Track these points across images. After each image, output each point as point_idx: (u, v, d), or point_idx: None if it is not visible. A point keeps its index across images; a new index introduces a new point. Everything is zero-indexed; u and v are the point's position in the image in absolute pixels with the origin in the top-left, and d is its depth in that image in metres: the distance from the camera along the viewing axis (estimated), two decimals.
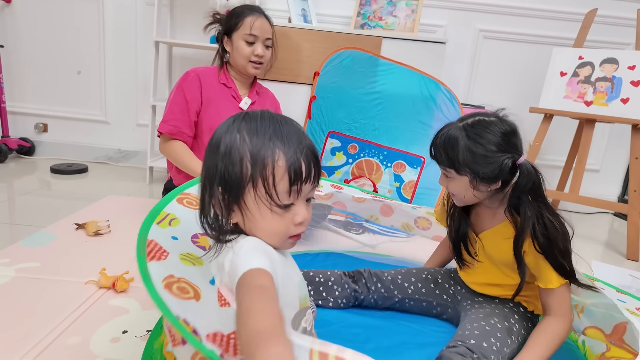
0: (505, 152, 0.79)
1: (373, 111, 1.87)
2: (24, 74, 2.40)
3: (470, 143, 0.79)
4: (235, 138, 0.54)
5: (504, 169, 0.79)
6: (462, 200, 0.88)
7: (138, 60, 2.36)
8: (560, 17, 2.22)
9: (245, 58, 1.39)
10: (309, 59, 1.93)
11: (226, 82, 1.44)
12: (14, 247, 1.24)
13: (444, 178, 0.88)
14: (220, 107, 1.40)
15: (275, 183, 0.53)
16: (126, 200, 1.81)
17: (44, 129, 2.47)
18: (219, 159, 0.55)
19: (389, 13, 2.09)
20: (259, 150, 0.53)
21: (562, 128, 2.22)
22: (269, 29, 1.42)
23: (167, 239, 0.72)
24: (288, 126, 0.56)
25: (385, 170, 1.84)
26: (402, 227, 1.37)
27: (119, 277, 1.07)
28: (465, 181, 0.82)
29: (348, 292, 1.02)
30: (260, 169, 0.53)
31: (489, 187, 0.82)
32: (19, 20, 2.33)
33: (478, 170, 0.79)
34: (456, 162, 0.80)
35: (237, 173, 0.54)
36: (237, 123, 0.56)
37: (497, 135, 0.79)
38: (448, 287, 1.04)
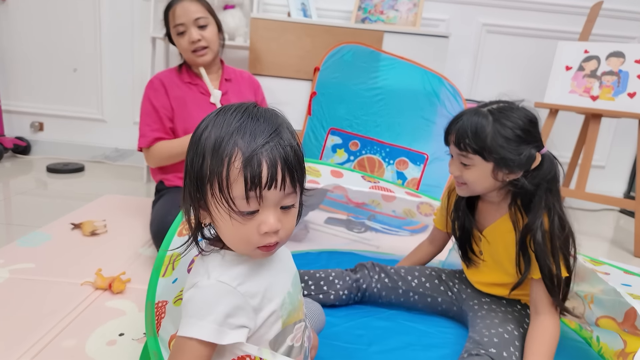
0: (532, 140, 0.77)
1: (375, 107, 1.83)
2: (19, 72, 2.36)
3: (500, 127, 0.75)
4: (203, 131, 0.48)
5: (531, 157, 0.76)
6: (473, 190, 0.85)
7: (135, 57, 2.32)
8: (565, 11, 2.18)
9: (186, 50, 1.28)
10: (309, 54, 1.89)
11: (190, 80, 1.35)
12: (8, 248, 1.21)
13: (460, 166, 0.83)
14: (190, 107, 1.32)
15: (230, 186, 0.45)
16: (123, 200, 1.77)
17: (40, 127, 2.43)
18: (190, 150, 0.50)
19: (391, 7, 2.05)
20: (219, 146, 0.46)
21: (567, 123, 2.19)
22: (196, 9, 1.25)
23: (169, 286, 0.72)
24: (261, 121, 0.47)
25: (387, 167, 1.80)
26: (404, 212, 1.34)
27: (116, 278, 1.03)
28: (487, 168, 0.79)
29: (349, 282, 0.99)
30: (216, 168, 0.46)
31: (509, 176, 0.79)
32: (13, 17, 2.29)
33: (506, 156, 0.76)
34: (485, 147, 0.76)
35: (198, 168, 0.47)
36: (212, 117, 0.50)
37: (524, 121, 0.76)
38: (452, 284, 1.01)
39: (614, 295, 0.84)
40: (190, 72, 1.37)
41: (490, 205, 0.89)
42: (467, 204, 0.93)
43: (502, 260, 0.88)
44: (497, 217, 0.87)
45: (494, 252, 0.90)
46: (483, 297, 0.94)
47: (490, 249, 0.90)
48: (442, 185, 1.75)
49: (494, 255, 0.91)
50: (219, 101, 1.35)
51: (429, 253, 1.10)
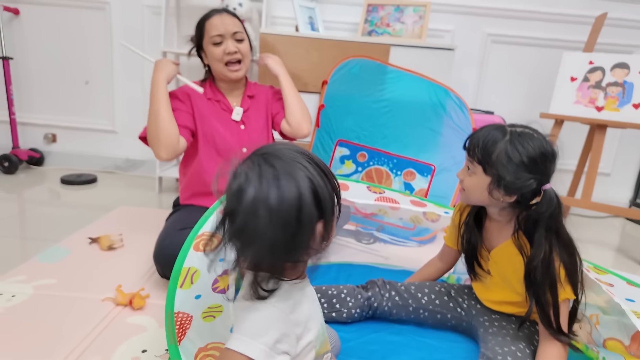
0: (536, 172, 0.78)
1: (382, 119, 1.86)
2: (33, 85, 2.42)
3: (510, 148, 0.78)
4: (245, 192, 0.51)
5: (526, 187, 0.78)
6: (469, 199, 0.89)
7: (145, 69, 2.37)
8: (570, 20, 2.20)
9: (220, 61, 1.29)
10: (317, 68, 1.93)
11: (213, 96, 1.36)
12: (30, 263, 1.25)
13: (465, 171, 0.87)
14: (212, 123, 1.34)
15: None
16: (137, 212, 1.82)
17: (52, 139, 2.48)
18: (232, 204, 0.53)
19: (397, 19, 2.08)
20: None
21: (572, 132, 2.21)
22: (234, 23, 1.29)
23: (191, 300, 0.74)
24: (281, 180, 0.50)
25: (395, 178, 1.83)
26: (412, 219, 1.36)
27: (135, 294, 1.07)
28: (485, 181, 0.82)
29: (361, 301, 1.02)
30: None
31: (503, 197, 0.82)
32: (26, 31, 2.35)
33: (503, 176, 0.79)
34: (488, 159, 0.80)
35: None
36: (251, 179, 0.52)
37: (536, 152, 0.78)
38: (462, 300, 1.03)
39: (618, 314, 0.86)
40: (214, 87, 1.38)
41: (497, 225, 0.91)
42: (476, 221, 0.95)
43: (510, 280, 0.91)
44: (504, 238, 0.89)
45: (502, 272, 0.92)
46: (493, 314, 0.97)
47: (498, 268, 0.93)
48: (450, 196, 1.78)
49: (502, 274, 0.93)
50: (241, 118, 1.37)
51: (438, 270, 1.13)
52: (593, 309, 0.96)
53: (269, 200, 0.48)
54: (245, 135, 1.38)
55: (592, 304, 0.95)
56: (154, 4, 2.24)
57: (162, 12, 2.10)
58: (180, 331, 0.69)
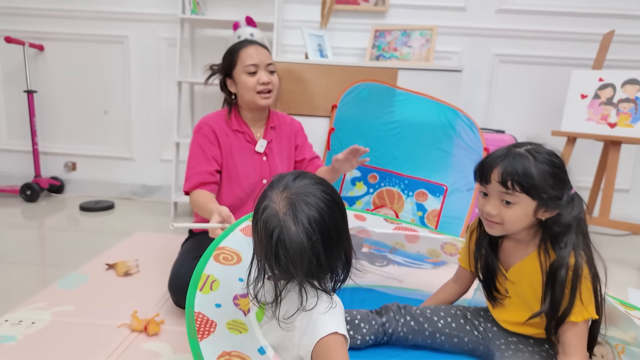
0: (566, 180, 0.81)
1: (392, 140, 1.88)
2: (55, 116, 2.53)
3: (545, 167, 0.79)
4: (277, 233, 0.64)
5: (568, 195, 0.80)
6: (509, 230, 0.86)
7: (161, 99, 2.45)
8: (577, 38, 2.22)
9: (252, 90, 1.31)
10: (327, 92, 1.97)
11: (238, 127, 1.37)
12: (49, 290, 1.28)
13: (499, 205, 0.84)
14: (236, 156, 1.36)
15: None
16: (153, 237, 1.85)
17: (73, 167, 2.57)
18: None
19: (404, 44, 2.13)
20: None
21: (586, 149, 2.19)
22: (267, 55, 1.34)
23: (212, 307, 0.76)
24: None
25: (407, 199, 1.83)
26: (429, 253, 1.35)
27: (150, 320, 1.08)
28: (531, 207, 0.82)
29: (376, 327, 1.01)
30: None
31: (545, 214, 0.82)
32: (50, 66, 2.47)
33: (553, 195, 0.79)
34: (533, 185, 0.79)
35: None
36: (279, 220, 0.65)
37: (557, 160, 0.80)
38: (478, 323, 1.01)
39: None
40: (239, 118, 1.38)
41: (516, 244, 0.90)
42: (490, 242, 0.95)
43: (528, 299, 0.89)
44: (524, 255, 0.88)
45: (520, 291, 0.91)
46: (510, 337, 0.95)
47: (516, 288, 0.92)
48: (463, 217, 1.76)
49: (519, 294, 0.91)
50: (264, 150, 1.39)
51: (454, 293, 1.11)
52: (618, 341, 0.93)
53: (298, 241, 0.62)
54: (266, 167, 1.40)
55: (616, 337, 0.92)
56: (169, 36, 2.34)
57: (177, 43, 2.19)
58: (202, 331, 0.70)
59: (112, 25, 2.39)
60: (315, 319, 0.65)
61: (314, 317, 0.65)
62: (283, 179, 0.67)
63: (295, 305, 0.66)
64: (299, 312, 0.66)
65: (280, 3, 2.19)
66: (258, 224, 0.65)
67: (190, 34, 2.36)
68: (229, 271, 0.84)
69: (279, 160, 1.43)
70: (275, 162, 1.42)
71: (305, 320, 0.66)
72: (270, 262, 0.63)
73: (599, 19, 2.19)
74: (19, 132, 2.53)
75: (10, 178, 2.54)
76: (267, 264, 0.65)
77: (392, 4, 2.25)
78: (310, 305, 0.65)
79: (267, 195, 0.66)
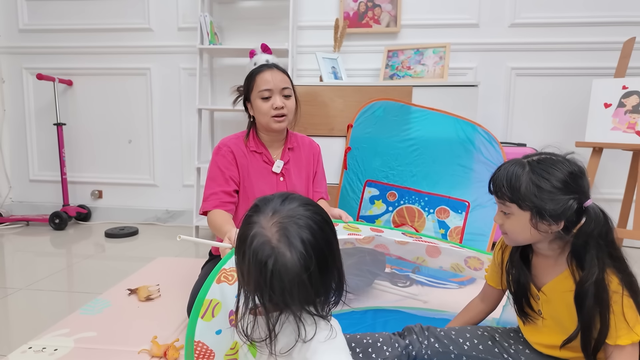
0: (572, 192, 0.76)
1: (409, 157, 1.86)
2: (82, 147, 2.64)
3: (535, 177, 0.77)
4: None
5: (569, 208, 0.75)
6: (516, 240, 0.84)
7: (182, 126, 2.53)
8: (594, 48, 2.17)
9: (266, 114, 1.32)
10: (342, 113, 1.99)
11: (256, 149, 1.38)
12: (72, 317, 1.30)
13: (502, 215, 0.84)
14: (253, 176, 1.38)
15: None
16: (175, 262, 1.87)
17: (99, 195, 2.65)
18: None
19: (417, 62, 2.14)
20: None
21: (614, 159, 2.10)
22: (283, 79, 1.34)
23: (212, 335, 0.76)
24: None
25: (428, 216, 1.79)
26: (452, 268, 1.30)
27: (170, 346, 1.08)
28: (525, 218, 0.79)
29: (399, 350, 0.97)
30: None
31: (550, 227, 0.77)
32: (78, 99, 2.60)
33: (542, 206, 0.76)
34: (519, 195, 0.77)
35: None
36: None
37: (564, 173, 0.76)
38: (508, 345, 0.96)
39: None
40: (257, 139, 1.40)
41: (546, 260, 0.86)
42: (522, 258, 0.90)
43: (563, 321, 0.84)
44: (556, 273, 0.84)
45: (554, 312, 0.86)
46: (543, 359, 0.89)
47: (549, 308, 0.86)
48: (488, 233, 1.71)
49: (554, 315, 0.86)
50: (281, 171, 1.40)
51: (481, 312, 1.06)
52: None
53: (295, 269, 0.58)
54: (283, 188, 1.40)
55: None
56: (189, 66, 2.43)
57: (197, 73, 2.27)
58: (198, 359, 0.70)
59: (135, 59, 2.51)
60: (314, 349, 0.60)
61: (313, 347, 0.60)
62: (270, 203, 0.62)
63: (293, 337, 0.61)
64: (297, 343, 0.61)
65: (294, 30, 2.26)
66: (246, 254, 0.58)
67: (209, 63, 2.44)
68: (229, 290, 0.83)
69: (297, 181, 1.43)
70: (293, 183, 1.42)
71: (304, 350, 0.61)
72: (262, 294, 0.58)
73: (615, 27, 2.15)
74: (49, 163, 2.65)
75: (40, 207, 2.64)
76: (259, 296, 0.60)
77: (404, 25, 2.28)
78: (309, 335, 0.61)
79: (254, 221, 0.60)
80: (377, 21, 2.27)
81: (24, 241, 2.24)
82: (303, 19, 2.36)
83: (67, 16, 2.53)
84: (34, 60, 2.59)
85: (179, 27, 2.45)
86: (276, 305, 0.59)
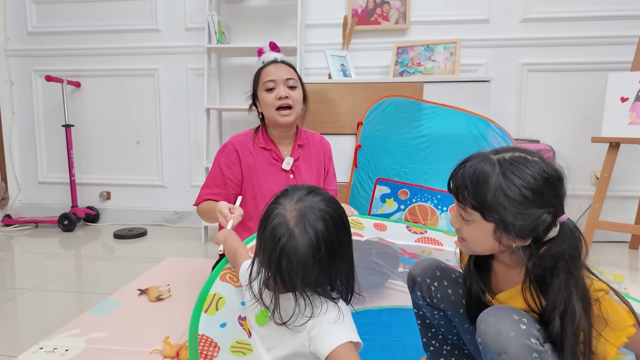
0: (547, 204, 0.63)
1: (421, 155, 1.83)
2: (90, 148, 2.63)
3: (506, 183, 0.63)
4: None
5: (541, 224, 0.63)
6: (473, 250, 0.72)
7: (191, 126, 2.52)
8: (609, 42, 2.13)
9: (271, 106, 1.30)
10: (352, 111, 1.96)
11: (265, 145, 1.37)
12: (82, 317, 1.29)
13: (460, 219, 0.71)
14: (261, 173, 1.36)
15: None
16: (184, 262, 1.85)
17: (107, 197, 2.65)
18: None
19: (427, 58, 2.11)
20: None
21: (632, 155, 2.06)
22: (287, 70, 1.32)
23: (217, 328, 0.76)
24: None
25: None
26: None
27: (182, 346, 1.06)
28: (488, 229, 0.66)
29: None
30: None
31: (515, 241, 0.65)
32: (86, 100, 2.60)
33: (509, 220, 0.63)
34: (484, 203, 0.64)
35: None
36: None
37: (538, 179, 0.63)
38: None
39: None
40: (266, 136, 1.39)
41: (506, 268, 0.73)
42: (478, 263, 0.77)
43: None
44: (513, 284, 0.72)
45: None
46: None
47: None
48: None
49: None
50: (290, 168, 1.38)
51: None
52: None
53: (303, 253, 0.63)
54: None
55: None
56: (197, 67, 2.42)
57: (205, 73, 2.26)
58: (204, 354, 0.71)
59: (143, 60, 2.51)
60: (326, 330, 0.64)
61: (325, 328, 0.64)
62: (298, 191, 0.68)
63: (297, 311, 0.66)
64: (302, 318, 0.65)
65: (302, 28, 2.24)
66: (266, 228, 0.65)
67: (217, 63, 2.43)
68: (235, 291, 0.85)
69: (307, 177, 1.41)
70: (304, 180, 1.40)
71: (317, 328, 0.65)
72: (270, 267, 0.64)
73: (630, 21, 2.11)
74: (58, 165, 2.65)
75: (49, 209, 2.64)
76: (266, 267, 0.65)
77: (413, 21, 2.26)
78: (315, 312, 0.65)
79: (280, 202, 0.66)
80: (386, 18, 2.25)
81: (34, 243, 2.24)
82: (311, 17, 2.34)
83: (75, 18, 2.53)
84: (42, 63, 2.59)
85: (186, 28, 2.44)
86: (281, 280, 0.64)
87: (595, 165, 2.10)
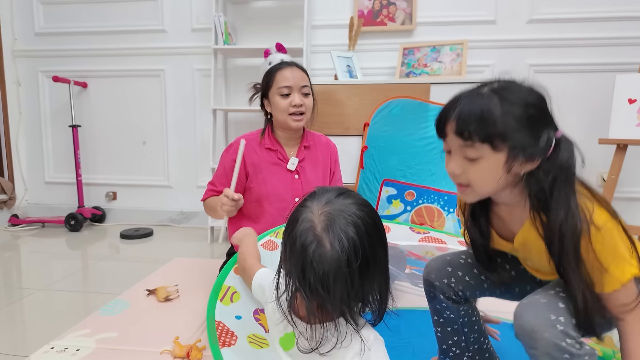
0: (549, 119, 0.66)
1: (428, 156, 1.83)
2: (97, 148, 2.65)
3: (510, 107, 0.63)
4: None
5: (548, 141, 0.64)
6: (480, 193, 0.71)
7: (197, 127, 2.53)
8: (617, 43, 2.12)
9: (284, 111, 1.32)
10: (358, 112, 1.96)
11: (271, 146, 1.38)
12: (92, 317, 1.29)
13: (462, 163, 0.69)
14: (266, 172, 1.37)
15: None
16: (191, 262, 1.85)
17: (114, 197, 2.66)
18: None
19: (434, 59, 2.11)
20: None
21: (635, 156, 2.05)
22: (302, 77, 1.34)
23: (232, 319, 0.77)
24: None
25: (448, 216, 1.76)
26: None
27: (193, 346, 1.06)
28: (498, 161, 0.65)
29: None
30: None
31: (524, 166, 0.66)
32: (93, 101, 2.61)
33: (521, 142, 0.64)
34: (496, 132, 0.63)
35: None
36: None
37: (535, 96, 0.66)
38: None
39: None
40: (272, 137, 1.40)
41: (509, 209, 0.75)
42: (476, 210, 0.79)
43: (544, 269, 0.76)
44: (523, 219, 0.73)
45: (534, 263, 0.78)
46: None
47: (531, 261, 0.79)
48: None
49: (538, 269, 0.79)
50: (295, 168, 1.39)
51: None
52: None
53: (332, 261, 0.57)
54: (298, 185, 1.39)
55: None
56: (204, 67, 2.43)
57: (211, 74, 2.27)
58: (222, 339, 0.71)
59: (149, 60, 2.52)
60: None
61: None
62: (326, 193, 0.62)
63: (331, 336, 0.61)
64: (335, 346, 0.60)
65: (308, 29, 2.24)
66: (292, 233, 0.59)
67: (223, 64, 2.44)
68: (245, 288, 0.85)
69: (313, 179, 1.42)
70: (309, 181, 1.40)
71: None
72: (296, 276, 0.59)
73: (636, 22, 2.10)
74: (64, 165, 2.66)
75: (56, 209, 2.65)
76: (293, 279, 0.60)
77: (419, 22, 2.25)
78: (346, 342, 0.60)
79: (307, 205, 0.61)
80: (392, 19, 2.25)
81: (40, 243, 2.25)
82: (317, 18, 2.34)
83: (81, 19, 2.54)
84: (49, 63, 2.61)
85: (192, 28, 2.45)
86: (315, 294, 0.57)
87: (602, 166, 2.09)
